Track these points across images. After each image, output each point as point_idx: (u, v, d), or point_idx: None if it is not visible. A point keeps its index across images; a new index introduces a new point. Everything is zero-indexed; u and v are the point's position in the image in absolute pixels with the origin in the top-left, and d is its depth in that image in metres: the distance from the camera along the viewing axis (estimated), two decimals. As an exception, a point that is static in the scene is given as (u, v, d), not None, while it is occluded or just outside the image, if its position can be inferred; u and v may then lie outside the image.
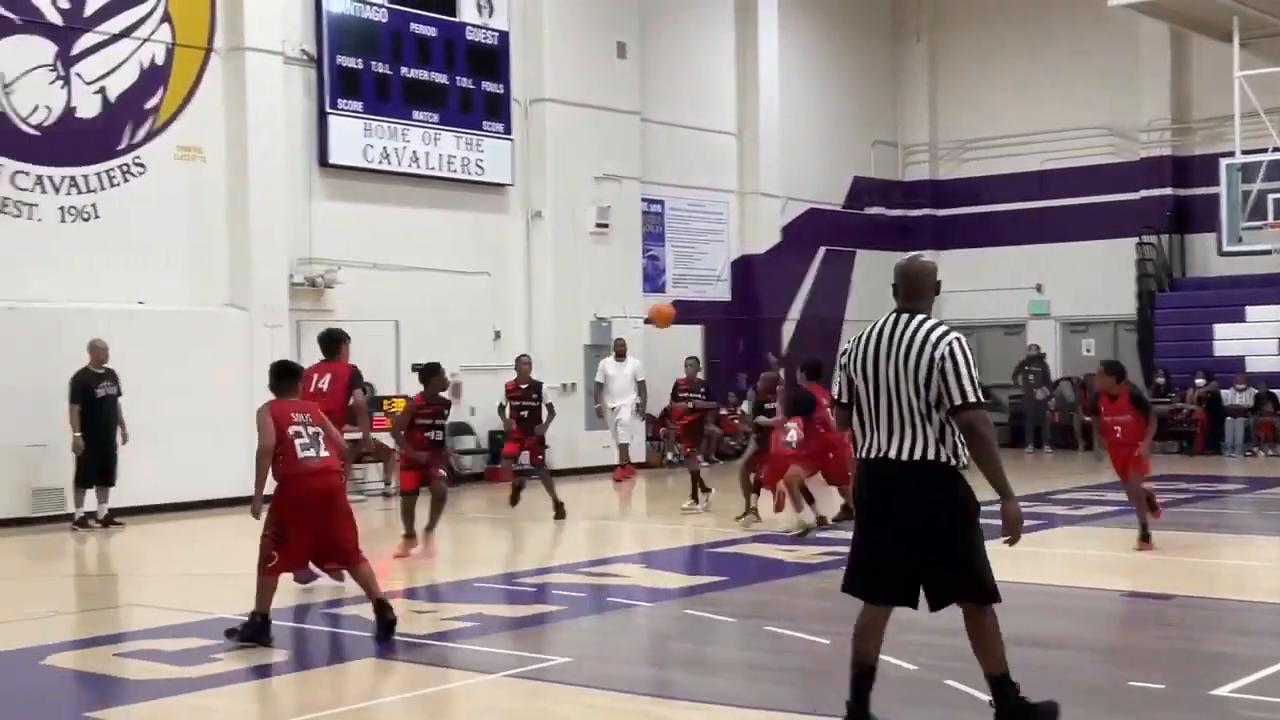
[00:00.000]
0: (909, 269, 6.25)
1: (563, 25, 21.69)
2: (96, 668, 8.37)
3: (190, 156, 17.65)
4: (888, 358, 5.91)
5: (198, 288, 17.65)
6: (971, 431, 5.81)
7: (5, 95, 16.05)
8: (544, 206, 21.52)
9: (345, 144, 19.10)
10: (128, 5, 17.08)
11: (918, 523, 5.83)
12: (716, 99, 25.06)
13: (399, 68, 19.70)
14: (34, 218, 16.24)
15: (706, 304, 24.91)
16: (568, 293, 21.64)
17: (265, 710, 7.61)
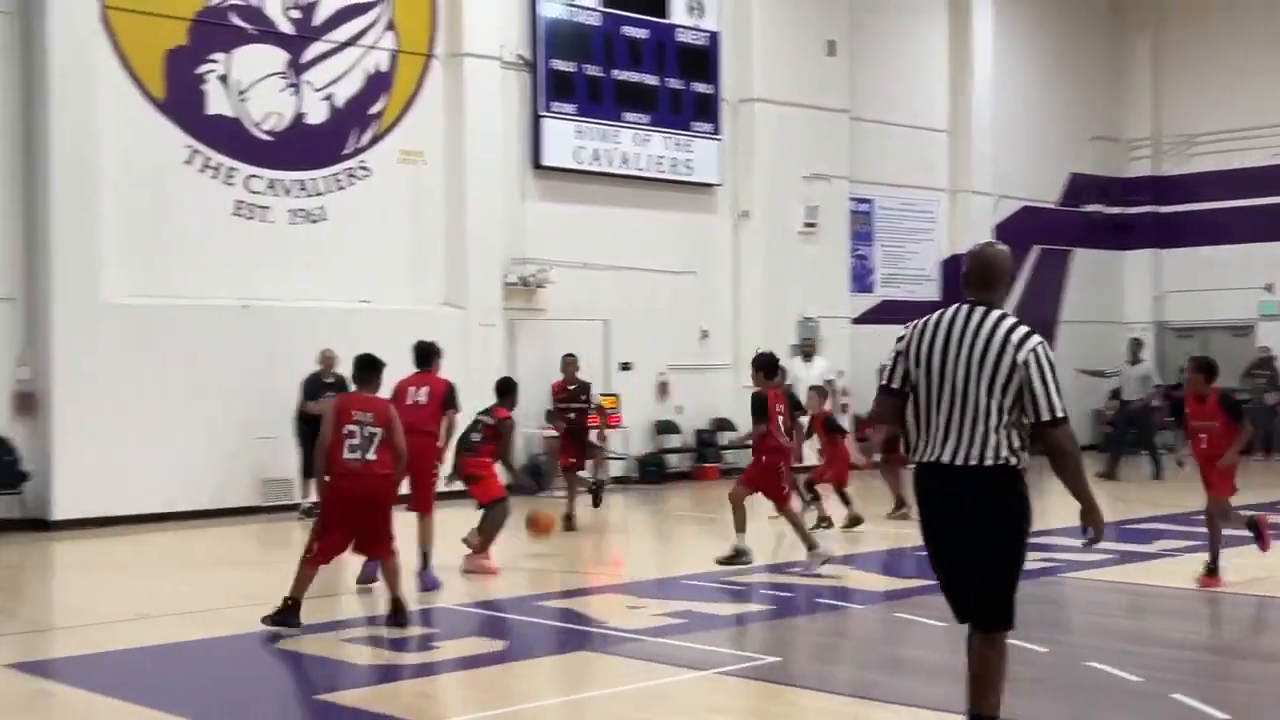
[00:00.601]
0: (983, 256, 5.75)
1: (772, 24, 21.68)
2: (325, 652, 8.68)
3: (411, 160, 18.22)
4: (957, 353, 5.45)
5: (417, 287, 18.20)
6: (1061, 452, 5.40)
7: (240, 102, 16.83)
8: (752, 206, 21.57)
9: (558, 146, 19.46)
10: (354, 14, 17.72)
11: (977, 530, 5.46)
12: (927, 95, 24.69)
13: (611, 70, 19.99)
14: (266, 220, 16.98)
15: (916, 304, 24.58)
16: (775, 292, 21.64)
17: (482, 698, 7.76)
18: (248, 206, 16.86)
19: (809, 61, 22.04)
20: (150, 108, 16.13)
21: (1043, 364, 5.40)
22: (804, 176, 21.93)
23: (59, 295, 15.10)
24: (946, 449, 5.43)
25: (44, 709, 7.54)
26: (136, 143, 15.98)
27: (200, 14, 16.48)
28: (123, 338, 15.52)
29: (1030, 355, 5.39)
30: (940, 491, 5.52)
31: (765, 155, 21.61)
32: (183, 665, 8.65)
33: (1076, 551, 12.73)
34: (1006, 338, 5.41)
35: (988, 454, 5.37)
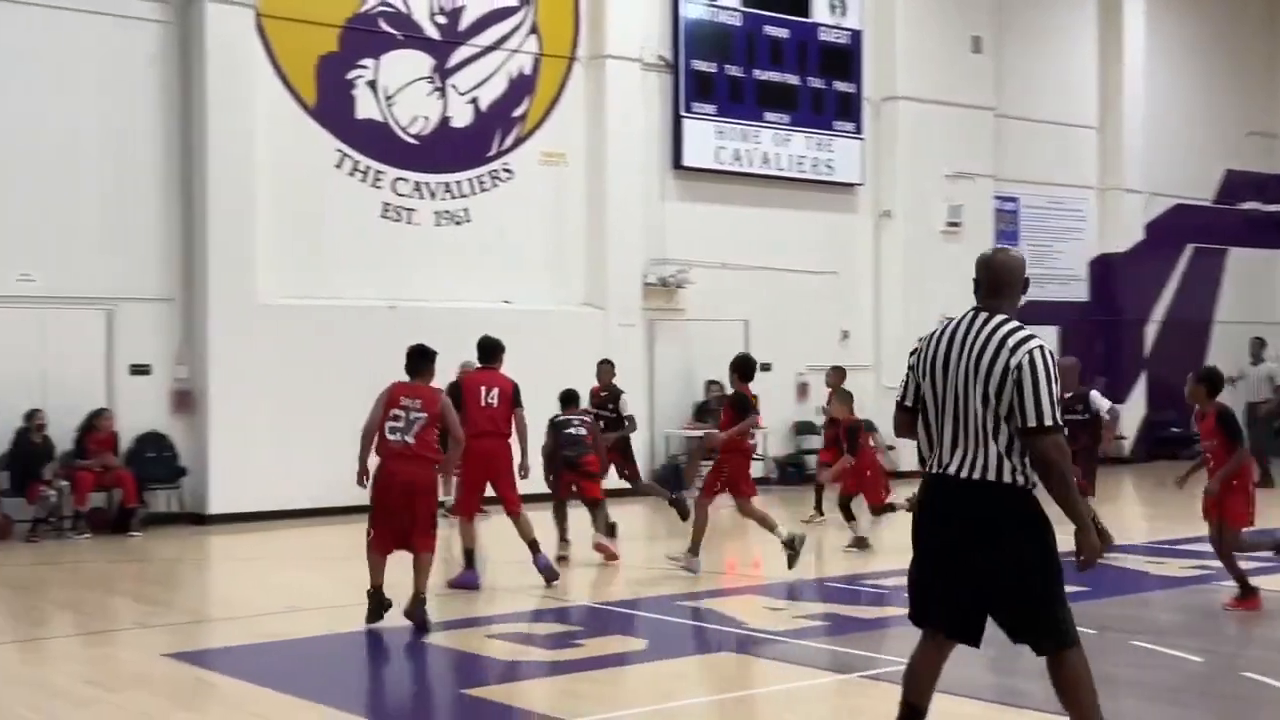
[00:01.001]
0: (992, 261, 5.55)
1: (916, 21, 21.49)
2: (471, 647, 8.84)
3: (553, 162, 18.42)
4: (958, 361, 5.22)
5: (557, 288, 18.40)
6: (1044, 461, 5.05)
7: (388, 107, 17.16)
8: (893, 205, 21.39)
9: (698, 147, 19.50)
10: (499, 19, 17.97)
11: (979, 549, 5.15)
12: (1076, 91, 24.23)
13: (752, 70, 19.96)
14: (412, 222, 17.31)
15: (1063, 305, 24.17)
16: (916, 293, 21.37)
17: (626, 696, 7.82)
18: (395, 209, 17.19)
19: (953, 58, 21.79)
20: (302, 113, 16.55)
21: (1036, 369, 5.06)
22: (947, 175, 21.68)
23: (215, 296, 15.56)
24: (953, 461, 5.21)
25: (204, 698, 7.77)
26: (289, 148, 16.39)
27: (350, 21, 16.85)
28: (275, 338, 15.92)
29: (1024, 358, 5.08)
30: (944, 502, 5.29)
31: (907, 154, 21.42)
32: (333, 657, 8.86)
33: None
34: (1003, 342, 5.15)
35: (990, 468, 5.11)
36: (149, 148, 15.68)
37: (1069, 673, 5.24)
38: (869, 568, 12.21)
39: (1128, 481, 21.18)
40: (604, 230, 18.50)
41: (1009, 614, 5.26)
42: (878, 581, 11.26)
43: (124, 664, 8.70)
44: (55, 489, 14.44)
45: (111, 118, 15.42)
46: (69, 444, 14.82)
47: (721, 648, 8.84)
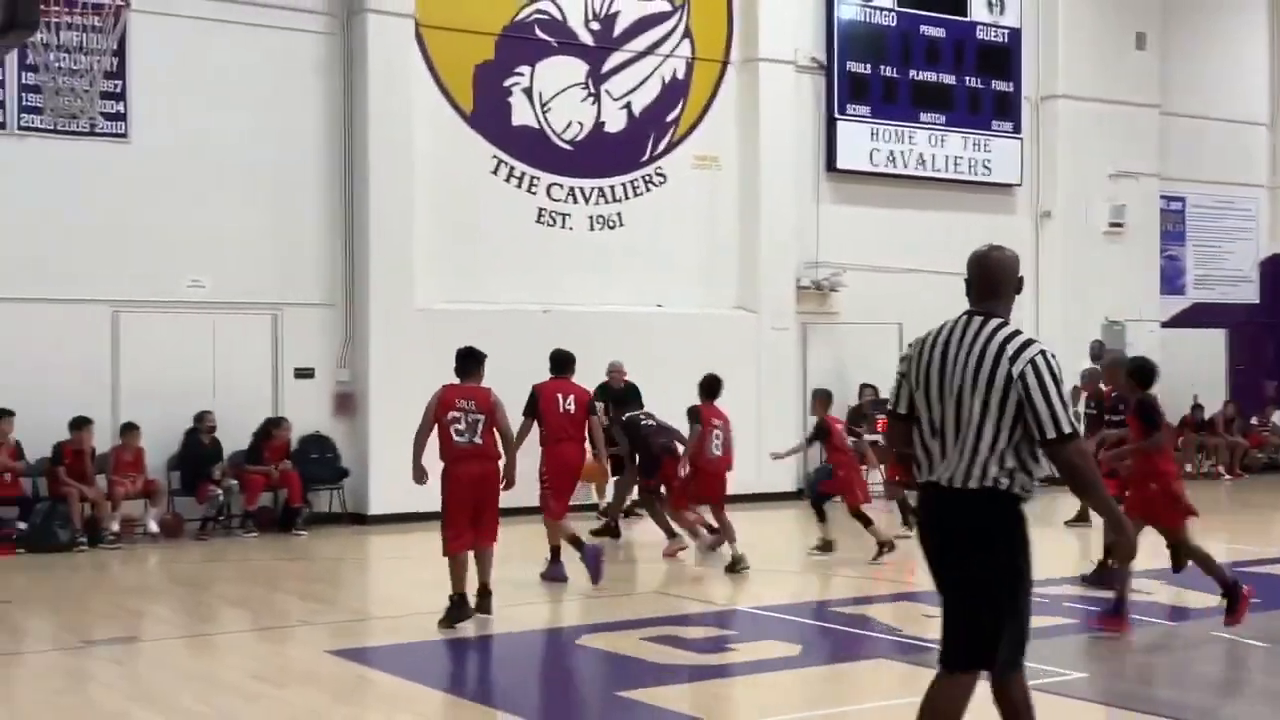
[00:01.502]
0: (985, 261, 5.22)
1: (1077, 18, 21.07)
2: (624, 650, 8.82)
3: (706, 165, 18.43)
4: (954, 368, 4.99)
5: (710, 291, 18.38)
6: (1073, 470, 4.85)
7: (543, 113, 17.36)
8: (1053, 206, 20.99)
9: (852, 149, 19.35)
10: (652, 24, 18.05)
11: (960, 564, 4.96)
12: (1245, 87, 23.52)
13: (907, 71, 19.76)
14: (566, 226, 17.47)
15: (1231, 307, 23.50)
16: (1077, 294, 20.98)
17: (778, 701, 7.74)
18: (549, 214, 17.37)
19: (1117, 55, 21.33)
20: (460, 121, 16.81)
21: (1042, 376, 4.85)
22: (1110, 175, 21.22)
23: (375, 301, 15.88)
24: (944, 471, 4.97)
25: (364, 694, 7.95)
26: (447, 155, 16.66)
27: (506, 29, 17.07)
28: (433, 341, 16.10)
29: (1027, 367, 4.85)
30: (935, 514, 5.10)
31: (1068, 153, 21.03)
32: (490, 657, 9.01)
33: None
34: (1002, 348, 4.91)
35: (974, 475, 4.88)
36: (313, 156, 16.07)
37: (1020, 692, 5.12)
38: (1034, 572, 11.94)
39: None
40: (757, 233, 18.45)
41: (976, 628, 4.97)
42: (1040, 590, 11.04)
43: (290, 660, 8.94)
44: (223, 488, 14.89)
45: (277, 128, 15.83)
46: (236, 444, 15.23)
47: (876, 654, 8.75)
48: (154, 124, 15.16)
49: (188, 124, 15.30)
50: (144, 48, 14.92)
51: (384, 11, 16.00)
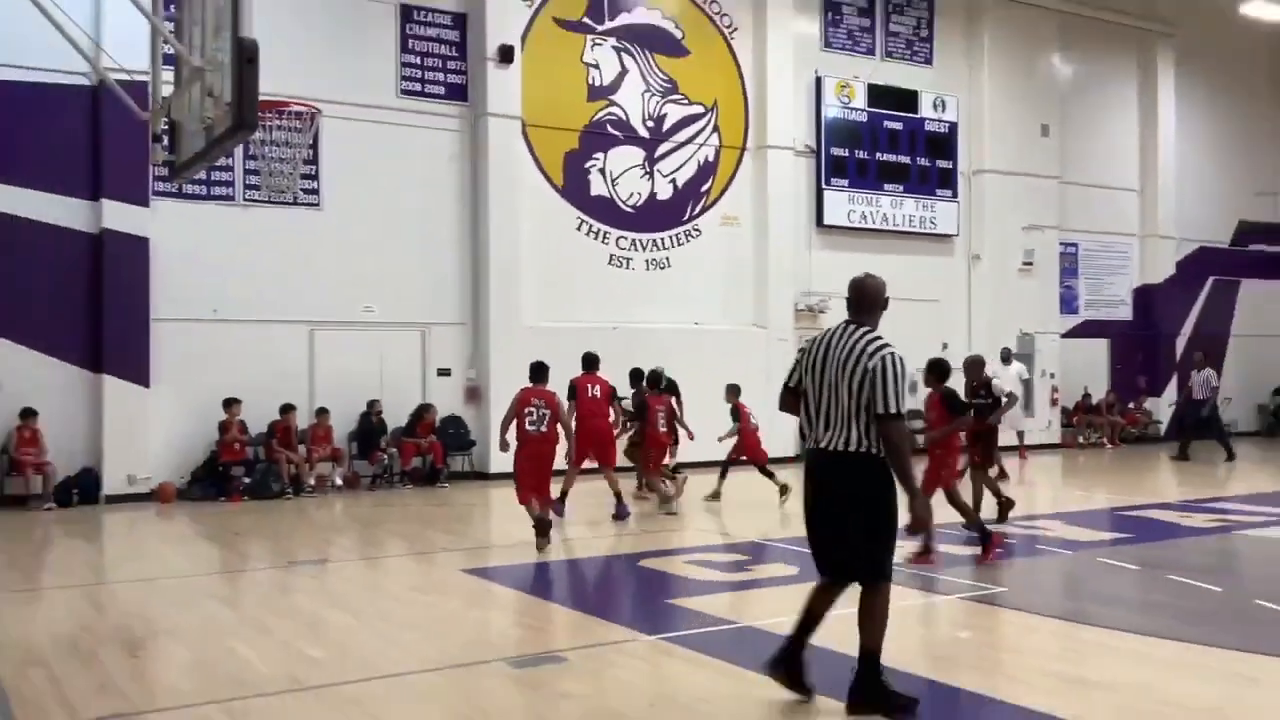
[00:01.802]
0: (862, 285, 5.22)
1: (999, 115, 20.81)
2: (673, 570, 8.86)
3: (730, 223, 18.38)
4: (832, 362, 5.01)
5: (732, 313, 18.33)
6: (888, 438, 4.86)
7: (612, 186, 17.38)
8: (982, 251, 20.74)
9: (835, 210, 19.20)
10: (691, 121, 18.01)
11: (837, 505, 4.98)
12: (1121, 162, 23.12)
13: (875, 154, 19.61)
14: (630, 268, 17.47)
15: (1113, 323, 23.16)
16: (999, 315, 20.76)
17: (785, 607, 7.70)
18: (617, 259, 17.38)
19: (1028, 141, 21.08)
20: (553, 192, 16.86)
21: (887, 369, 4.89)
22: (1023, 227, 20.97)
23: (494, 320, 15.95)
24: (824, 437, 4.99)
25: (487, 601, 7.99)
26: (544, 216, 16.72)
27: (587, 126, 17.12)
28: (534, 349, 15.96)
29: (879, 361, 4.90)
30: (818, 469, 5.07)
31: (992, 212, 20.76)
32: (576, 574, 9.01)
33: (1247, 514, 11.76)
34: (864, 349, 4.96)
35: (851, 442, 4.90)
36: (450, 217, 16.17)
37: (877, 600, 5.04)
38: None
39: (1162, 455, 20.11)
40: (766, 271, 18.38)
41: (849, 551, 5.00)
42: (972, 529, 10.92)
43: (434, 576, 8.99)
44: (387, 455, 15.00)
45: (425, 197, 15.95)
46: (396, 422, 15.36)
47: (853, 574, 8.68)
48: (339, 196, 15.32)
49: (363, 196, 15.45)
50: (332, 141, 15.09)
51: (500, 115, 16.08)
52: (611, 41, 17.33)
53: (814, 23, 19.28)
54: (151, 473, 13.85)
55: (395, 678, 5.74)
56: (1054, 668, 5.83)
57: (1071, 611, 7.45)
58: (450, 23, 16.15)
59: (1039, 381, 21.15)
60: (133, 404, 13.74)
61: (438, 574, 9.04)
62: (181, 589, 8.40)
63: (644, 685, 5.66)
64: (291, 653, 6.23)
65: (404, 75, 15.81)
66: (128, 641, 6.66)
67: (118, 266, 13.70)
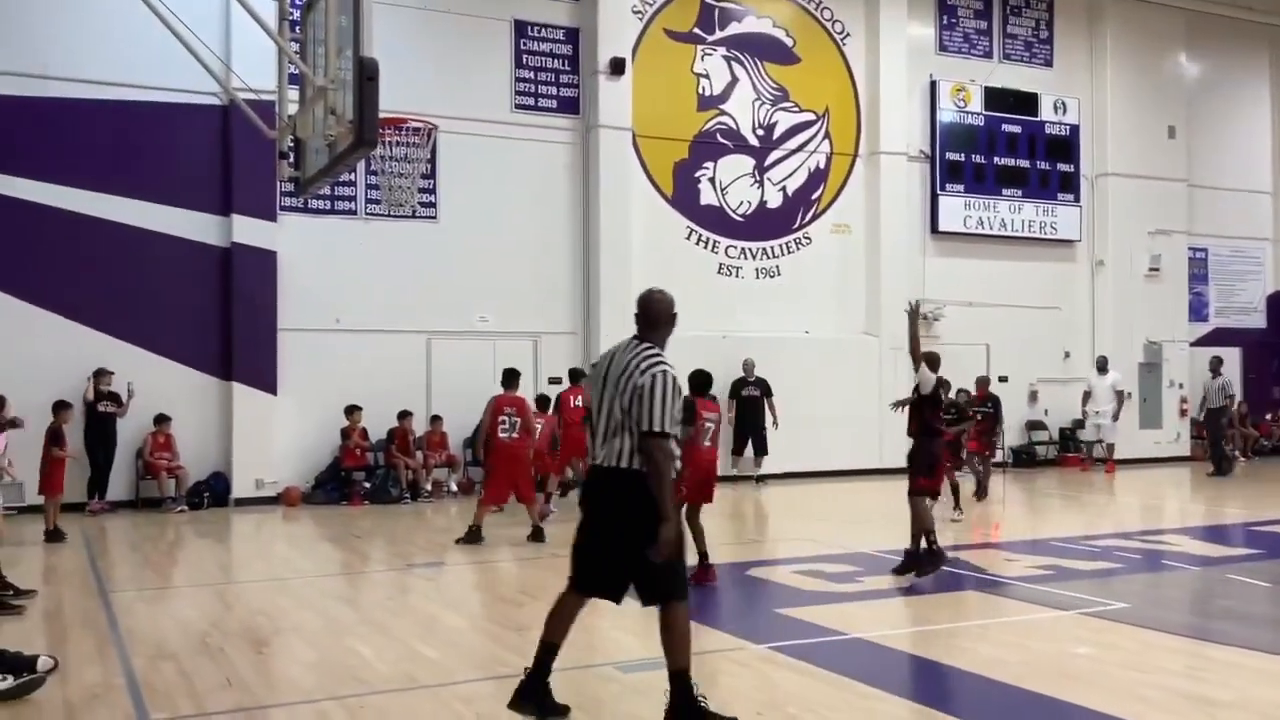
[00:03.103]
0: (648, 301, 5.01)
1: (1123, 117, 20.14)
2: (781, 580, 8.83)
3: (841, 231, 18.19)
4: (611, 377, 4.83)
5: (844, 320, 18.12)
6: (649, 456, 4.65)
7: (722, 195, 17.38)
8: (1105, 256, 20.08)
9: (951, 216, 18.87)
10: (802, 129, 17.91)
11: (614, 524, 4.75)
12: (1252, 164, 22.11)
13: (992, 158, 19.19)
14: (739, 276, 17.44)
15: (1244, 331, 22.13)
16: (1123, 322, 20.06)
17: (893, 619, 7.67)
18: (727, 267, 17.36)
19: (1153, 143, 20.34)
20: (663, 202, 16.95)
21: (656, 387, 4.67)
22: (1149, 232, 20.22)
23: (605, 330, 16.01)
24: (601, 453, 4.80)
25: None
26: (654, 227, 16.81)
27: (696, 136, 17.17)
28: (645, 358, 16.30)
29: (648, 379, 4.69)
30: (594, 487, 4.89)
31: (1117, 217, 20.07)
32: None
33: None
34: (638, 365, 4.75)
35: (624, 459, 4.71)
36: (563, 227, 16.38)
37: (676, 620, 4.77)
38: (1086, 531, 11.49)
39: None
40: (879, 278, 18.11)
41: (636, 571, 4.76)
42: (1094, 543, 10.62)
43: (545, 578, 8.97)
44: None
45: (539, 209, 16.20)
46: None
47: (970, 588, 8.50)
48: (455, 208, 15.67)
49: (478, 208, 15.77)
50: (448, 155, 15.45)
51: (611, 127, 16.25)
52: (722, 51, 17.35)
53: (928, 26, 18.97)
54: (278, 477, 14.37)
55: (505, 679, 5.84)
56: (1178, 685, 5.61)
57: (1198, 628, 7.17)
58: (563, 37, 16.39)
59: (1167, 392, 20.36)
60: (260, 411, 14.29)
61: (547, 576, 9.09)
62: (305, 589, 8.69)
63: (752, 694, 5.64)
64: (408, 652, 6.39)
65: (518, 90, 16.10)
66: (253, 638, 6.92)
67: (246, 279, 14.28)
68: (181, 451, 13.87)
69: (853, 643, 6.70)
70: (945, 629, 7.25)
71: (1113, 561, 9.55)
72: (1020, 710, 5.33)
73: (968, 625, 7.28)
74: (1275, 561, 9.47)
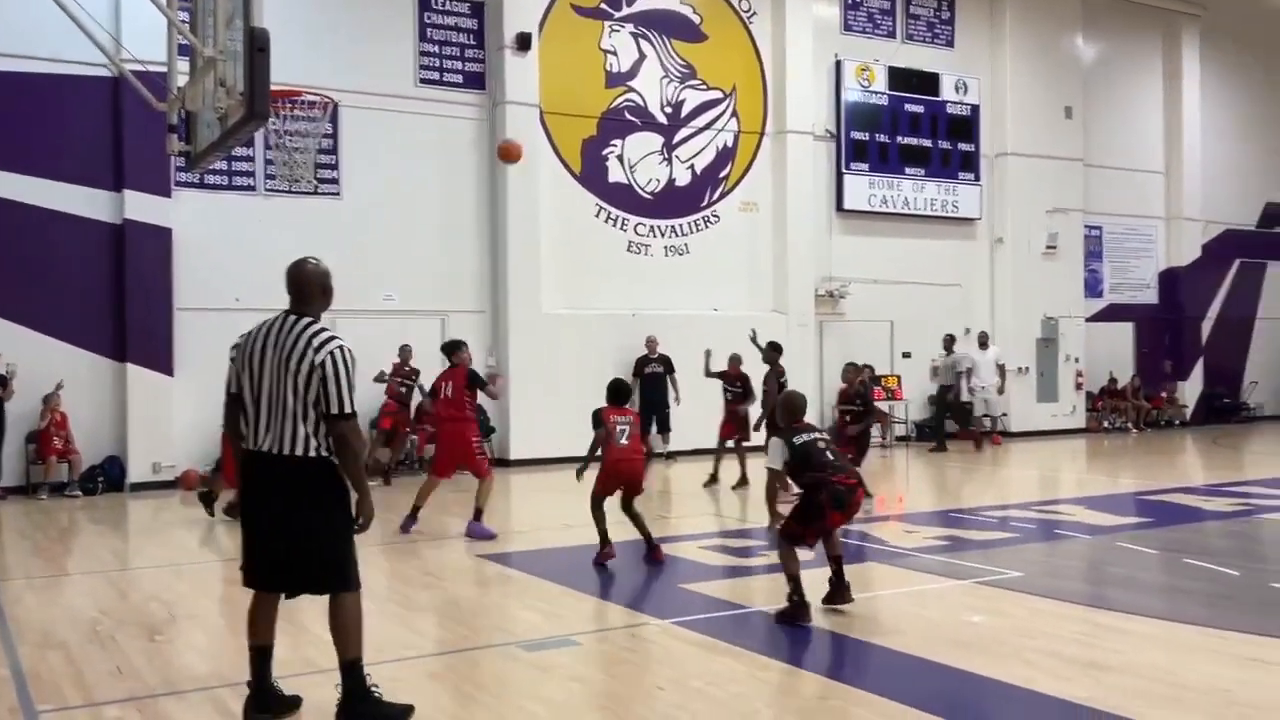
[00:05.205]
0: (297, 273, 4.72)
1: (1021, 97, 20.65)
2: (686, 555, 8.86)
3: (749, 209, 18.33)
4: (273, 357, 4.55)
5: (752, 298, 18.30)
6: (342, 441, 4.49)
7: (630, 173, 17.36)
8: (1005, 234, 20.60)
9: (855, 195, 19.15)
10: (710, 107, 17.96)
11: (287, 513, 4.53)
12: (1146, 144, 22.91)
13: (896, 137, 19.50)
14: (648, 254, 17.46)
15: (1138, 306, 22.94)
16: (1021, 299, 20.63)
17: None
18: (636, 245, 17.37)
19: (1051, 123, 20.89)
20: (572, 180, 16.86)
21: (338, 365, 4.51)
22: (1047, 211, 20.80)
23: (514, 308, 15.98)
24: (267, 439, 4.54)
25: (503, 585, 8.03)
26: (563, 204, 16.73)
27: (605, 114, 17.10)
28: (554, 336, 16.27)
29: (326, 356, 4.50)
30: (260, 476, 4.60)
31: (1015, 195, 20.60)
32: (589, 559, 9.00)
33: (1270, 498, 11.65)
34: (309, 342, 4.53)
35: (293, 445, 4.49)
36: (470, 205, 16.22)
37: (348, 610, 4.62)
38: (982, 502, 11.80)
39: (1187, 439, 19.93)
40: (786, 256, 18.31)
41: (308, 561, 4.58)
42: (989, 513, 10.91)
43: (450, 562, 9.02)
44: (409, 442, 15.03)
45: (445, 186, 16.00)
46: (417, 410, 15.40)
47: (869, 559, 8.67)
48: (359, 185, 15.39)
49: (382, 184, 15.51)
50: (351, 130, 15.16)
51: (518, 103, 16.09)
52: (629, 28, 17.28)
53: (834, 6, 19.16)
54: (175, 460, 14.00)
55: (409, 661, 5.78)
56: (1069, 651, 5.79)
57: (1088, 595, 7.40)
58: (468, 10, 16.15)
59: (1063, 366, 21.00)
60: (157, 392, 13.88)
61: (454, 559, 9.05)
62: (203, 574, 8.49)
63: (654, 668, 5.68)
64: (309, 637, 6.29)
65: (422, 64, 15.84)
66: (147, 626, 6.74)
67: (140, 256, 13.82)
68: (75, 435, 13.40)
69: (754, 616, 6.79)
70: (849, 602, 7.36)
71: (1008, 531, 9.81)
72: (916, 678, 5.45)
73: (868, 596, 7.40)
74: (1164, 529, 9.84)
